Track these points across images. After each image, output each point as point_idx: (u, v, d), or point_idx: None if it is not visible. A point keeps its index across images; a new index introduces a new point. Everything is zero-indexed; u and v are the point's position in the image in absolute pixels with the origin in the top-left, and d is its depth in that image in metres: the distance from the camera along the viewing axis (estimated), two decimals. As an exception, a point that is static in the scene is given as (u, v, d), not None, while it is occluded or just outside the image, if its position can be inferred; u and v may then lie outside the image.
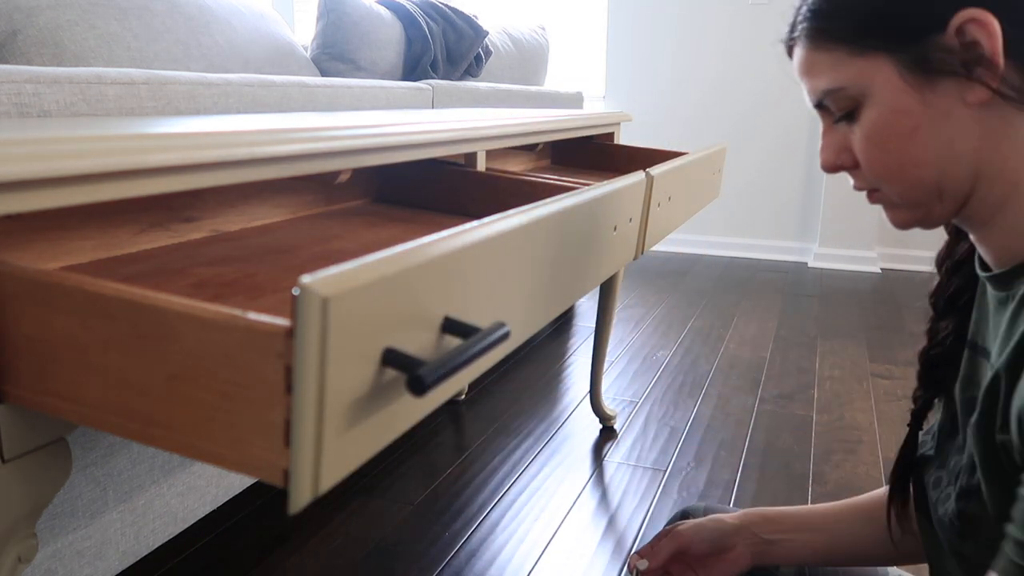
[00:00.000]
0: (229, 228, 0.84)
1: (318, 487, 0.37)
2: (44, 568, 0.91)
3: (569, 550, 1.35)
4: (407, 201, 1.09)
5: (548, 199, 0.63)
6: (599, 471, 1.64)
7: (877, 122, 0.54)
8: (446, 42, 2.02)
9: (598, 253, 0.77)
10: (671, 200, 1.10)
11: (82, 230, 0.65)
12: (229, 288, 0.62)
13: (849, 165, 0.58)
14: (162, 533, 1.10)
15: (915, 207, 0.56)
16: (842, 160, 0.58)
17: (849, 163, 0.58)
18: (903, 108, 0.53)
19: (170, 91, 0.98)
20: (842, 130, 0.57)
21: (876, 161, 0.55)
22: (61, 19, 1.06)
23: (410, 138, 0.82)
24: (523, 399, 2.01)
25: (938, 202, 0.55)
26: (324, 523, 1.41)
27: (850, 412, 1.94)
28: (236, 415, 0.38)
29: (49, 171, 0.45)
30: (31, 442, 0.48)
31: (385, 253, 0.39)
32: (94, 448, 0.95)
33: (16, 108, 0.79)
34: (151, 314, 0.39)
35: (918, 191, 0.55)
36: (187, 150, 0.54)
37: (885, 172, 0.55)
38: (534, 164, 1.53)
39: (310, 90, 1.27)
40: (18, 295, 0.44)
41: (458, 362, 0.39)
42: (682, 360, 2.32)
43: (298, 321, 0.34)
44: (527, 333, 0.62)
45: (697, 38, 3.70)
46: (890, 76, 0.52)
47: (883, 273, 3.50)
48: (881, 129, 0.54)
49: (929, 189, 0.54)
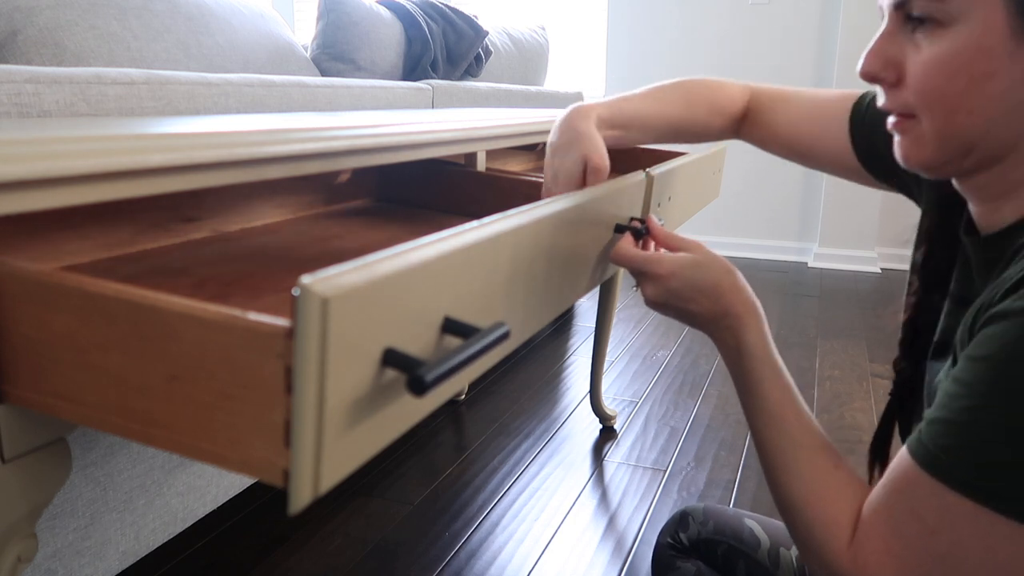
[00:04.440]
0: (229, 228, 0.84)
1: (318, 487, 0.37)
2: (44, 568, 0.91)
3: (569, 550, 1.35)
4: (407, 201, 1.09)
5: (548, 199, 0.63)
6: (599, 471, 1.64)
7: (955, 51, 0.49)
8: (446, 42, 2.02)
9: (598, 253, 0.77)
10: (671, 200, 1.10)
11: (82, 230, 0.65)
12: (229, 288, 0.62)
13: (891, 81, 0.54)
14: (162, 533, 1.10)
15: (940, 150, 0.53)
16: (887, 73, 0.54)
17: (892, 79, 0.54)
18: (989, 50, 0.48)
19: (170, 91, 0.98)
20: (901, 43, 0.53)
21: (932, 89, 0.51)
22: (61, 19, 1.06)
23: (410, 138, 0.82)
24: (523, 399, 2.01)
25: (963, 158, 0.53)
26: (324, 523, 1.41)
27: (850, 412, 1.94)
28: (236, 415, 0.38)
29: (49, 171, 0.45)
30: (31, 442, 0.48)
31: (385, 253, 0.39)
32: (94, 448, 0.95)
33: (16, 108, 0.79)
34: (151, 314, 0.39)
35: (954, 138, 0.52)
36: (187, 150, 0.54)
37: (935, 103, 0.51)
38: (534, 164, 1.53)
39: (310, 90, 1.27)
40: (18, 295, 0.44)
41: (458, 362, 0.39)
42: (682, 360, 2.32)
43: (298, 321, 0.34)
44: (527, 333, 0.62)
45: (697, 38, 3.70)
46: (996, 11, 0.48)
47: (883, 273, 3.50)
48: (955, 60, 0.49)
49: (964, 141, 0.52)
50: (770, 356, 0.64)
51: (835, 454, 0.59)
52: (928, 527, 0.48)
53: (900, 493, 0.50)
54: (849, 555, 0.53)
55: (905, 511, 0.50)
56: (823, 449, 0.59)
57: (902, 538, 0.50)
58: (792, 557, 0.80)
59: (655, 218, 0.77)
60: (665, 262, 0.67)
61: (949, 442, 0.47)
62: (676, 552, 0.85)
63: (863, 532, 0.53)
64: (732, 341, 0.65)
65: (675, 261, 0.67)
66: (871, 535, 0.52)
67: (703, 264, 0.67)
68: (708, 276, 0.66)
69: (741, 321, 0.65)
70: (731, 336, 0.66)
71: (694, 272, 0.66)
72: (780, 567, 0.79)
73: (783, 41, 3.57)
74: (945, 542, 0.47)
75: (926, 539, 0.48)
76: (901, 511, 0.50)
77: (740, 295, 0.66)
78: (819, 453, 0.59)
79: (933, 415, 0.49)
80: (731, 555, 0.82)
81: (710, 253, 0.68)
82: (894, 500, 0.51)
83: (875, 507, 0.52)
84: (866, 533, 0.52)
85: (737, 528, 0.83)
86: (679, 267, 0.67)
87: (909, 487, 0.50)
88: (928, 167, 0.55)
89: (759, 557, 0.81)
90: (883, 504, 0.52)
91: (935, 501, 0.48)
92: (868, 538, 0.52)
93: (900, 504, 0.50)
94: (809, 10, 3.51)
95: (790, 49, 3.56)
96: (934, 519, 0.48)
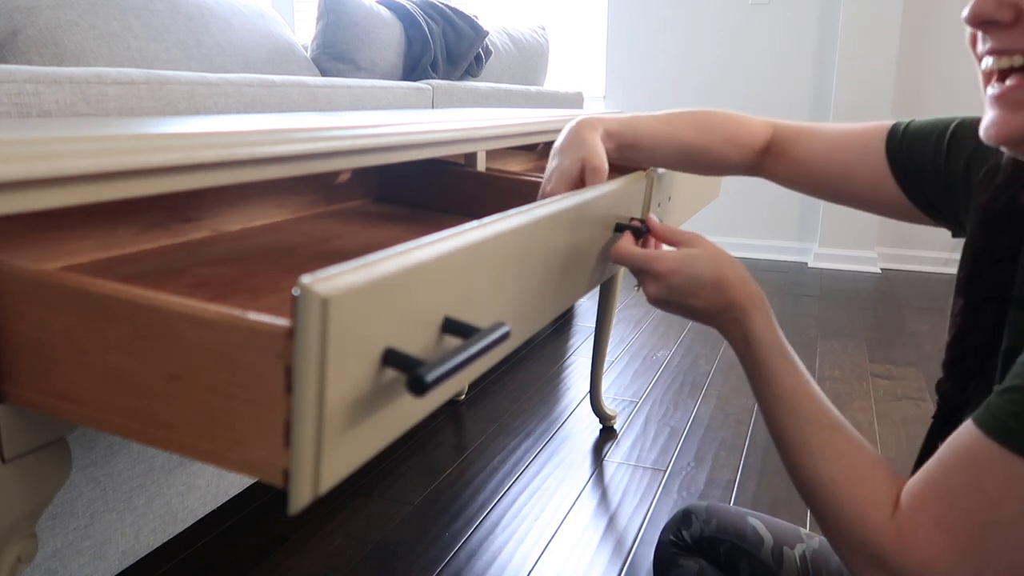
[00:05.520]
0: (229, 228, 0.84)
1: (318, 487, 0.37)
2: (44, 568, 0.91)
3: (569, 550, 1.35)
4: (407, 201, 1.09)
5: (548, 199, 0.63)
6: (599, 471, 1.64)
7: None
8: (446, 42, 2.02)
9: (598, 253, 0.77)
10: (671, 200, 1.10)
11: (82, 230, 0.65)
12: (229, 288, 0.62)
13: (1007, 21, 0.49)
14: (162, 533, 1.10)
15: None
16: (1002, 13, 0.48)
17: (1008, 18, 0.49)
18: None
19: (170, 91, 0.98)
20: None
21: None
22: (61, 19, 1.06)
23: (410, 138, 0.82)
24: (523, 399, 2.01)
25: None
26: (324, 523, 1.41)
27: (850, 412, 1.94)
28: (236, 415, 0.38)
29: (49, 171, 0.45)
30: (31, 442, 0.48)
31: (385, 253, 0.39)
32: (94, 448, 0.95)
33: (16, 108, 0.79)
34: (151, 314, 0.39)
35: None
36: (187, 150, 0.54)
37: None
38: (534, 164, 1.53)
39: (310, 90, 1.27)
40: (18, 295, 0.44)
41: (458, 362, 0.39)
42: (682, 360, 2.32)
43: (298, 321, 0.34)
44: (527, 333, 0.62)
45: (697, 38, 3.70)
46: None
47: (883, 273, 3.50)
48: None
49: None
50: (779, 342, 0.63)
51: (856, 434, 0.58)
52: (990, 498, 0.47)
53: (960, 464, 0.48)
54: (892, 529, 0.51)
55: (964, 482, 0.48)
56: (843, 428, 0.58)
57: (958, 510, 0.48)
58: (796, 556, 0.80)
59: (655, 218, 0.77)
60: (666, 259, 0.67)
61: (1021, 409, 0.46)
62: (678, 550, 0.85)
63: (910, 507, 0.51)
64: (739, 332, 0.65)
65: (675, 257, 0.67)
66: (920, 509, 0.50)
67: (704, 258, 0.66)
68: (710, 270, 0.66)
69: (746, 312, 0.65)
70: (737, 328, 0.65)
71: (695, 267, 0.66)
72: (784, 566, 0.79)
73: (783, 41, 3.57)
74: (1008, 512, 0.46)
75: (986, 510, 0.47)
76: (959, 483, 0.48)
77: (743, 286, 0.66)
78: (840, 432, 0.58)
79: (1005, 386, 0.47)
80: (734, 554, 0.82)
81: (711, 246, 0.68)
82: (951, 473, 0.49)
83: (926, 481, 0.50)
84: (913, 507, 0.50)
85: (740, 527, 0.83)
86: (680, 263, 0.66)
87: (971, 457, 0.48)
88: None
89: (762, 556, 0.80)
90: (937, 477, 0.50)
91: (1002, 471, 0.46)
92: (916, 512, 0.50)
93: (958, 476, 0.48)
94: (809, 10, 3.51)
95: (790, 49, 3.56)
96: (998, 489, 0.46)
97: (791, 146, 0.83)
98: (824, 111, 3.56)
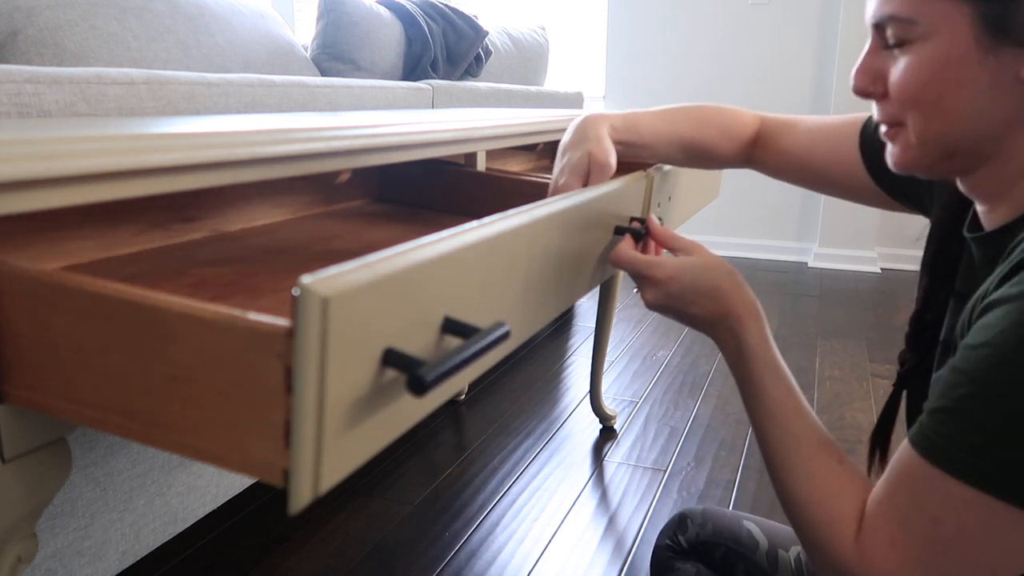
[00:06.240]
0: (229, 228, 0.84)
1: (318, 487, 0.37)
2: (44, 568, 0.91)
3: (569, 550, 1.35)
4: (407, 201, 1.09)
5: (548, 199, 0.63)
6: (599, 471, 1.64)
7: (928, 62, 0.52)
8: (446, 42, 2.02)
9: (598, 253, 0.77)
10: (671, 200, 1.10)
11: (82, 230, 0.65)
12: (229, 288, 0.62)
13: (880, 94, 0.57)
14: (162, 533, 1.10)
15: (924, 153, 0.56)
16: (875, 87, 0.57)
17: (880, 92, 0.57)
18: (960, 60, 0.51)
19: (170, 91, 0.98)
20: (884, 58, 0.56)
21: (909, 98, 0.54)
22: (61, 19, 1.06)
23: (410, 138, 0.82)
24: (523, 399, 2.01)
25: (947, 159, 0.55)
26: (324, 523, 1.41)
27: (850, 412, 1.94)
28: (236, 415, 0.38)
29: (49, 171, 0.45)
30: (31, 442, 0.48)
31: (385, 253, 0.39)
32: (94, 448, 0.95)
33: (16, 108, 0.79)
34: (151, 314, 0.39)
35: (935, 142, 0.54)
36: (187, 150, 0.54)
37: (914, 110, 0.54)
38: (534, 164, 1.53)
39: (310, 90, 1.27)
40: (18, 295, 0.44)
41: (458, 362, 0.39)
42: (682, 360, 2.32)
43: (298, 321, 0.34)
44: (527, 333, 0.62)
45: (697, 38, 3.70)
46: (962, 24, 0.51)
47: (883, 273, 3.50)
48: (928, 70, 0.52)
49: (945, 143, 0.54)
50: (771, 356, 0.64)
51: (838, 451, 0.59)
52: (931, 516, 0.49)
53: (903, 484, 0.51)
54: (855, 549, 0.53)
55: (908, 501, 0.50)
56: (826, 446, 0.59)
57: (906, 528, 0.50)
58: (790, 559, 0.80)
59: (655, 218, 0.77)
60: (665, 266, 0.68)
61: (949, 430, 0.48)
62: (675, 554, 0.85)
63: (867, 526, 0.53)
64: (733, 342, 0.66)
65: (674, 265, 0.68)
66: (875, 528, 0.52)
67: (702, 267, 0.67)
68: (708, 279, 0.67)
69: (742, 322, 0.65)
70: (732, 337, 0.66)
71: (694, 275, 0.67)
72: (779, 569, 0.79)
73: (783, 41, 3.57)
74: (949, 530, 0.48)
75: (930, 528, 0.49)
76: (904, 502, 0.50)
77: (740, 296, 0.67)
78: (821, 450, 0.59)
79: (933, 405, 0.50)
80: (730, 557, 0.82)
81: (709, 255, 0.69)
82: (897, 491, 0.51)
83: (878, 500, 0.53)
84: (870, 526, 0.53)
85: (735, 530, 0.83)
86: (678, 271, 0.67)
87: (912, 477, 0.50)
88: (915, 169, 0.57)
89: (758, 559, 0.81)
90: (886, 496, 0.52)
91: (938, 490, 0.48)
92: (872, 531, 0.52)
93: (903, 495, 0.51)
94: (809, 10, 3.51)
95: (790, 49, 3.56)
96: (937, 508, 0.48)
97: (778, 138, 0.86)
98: (824, 111, 3.56)
